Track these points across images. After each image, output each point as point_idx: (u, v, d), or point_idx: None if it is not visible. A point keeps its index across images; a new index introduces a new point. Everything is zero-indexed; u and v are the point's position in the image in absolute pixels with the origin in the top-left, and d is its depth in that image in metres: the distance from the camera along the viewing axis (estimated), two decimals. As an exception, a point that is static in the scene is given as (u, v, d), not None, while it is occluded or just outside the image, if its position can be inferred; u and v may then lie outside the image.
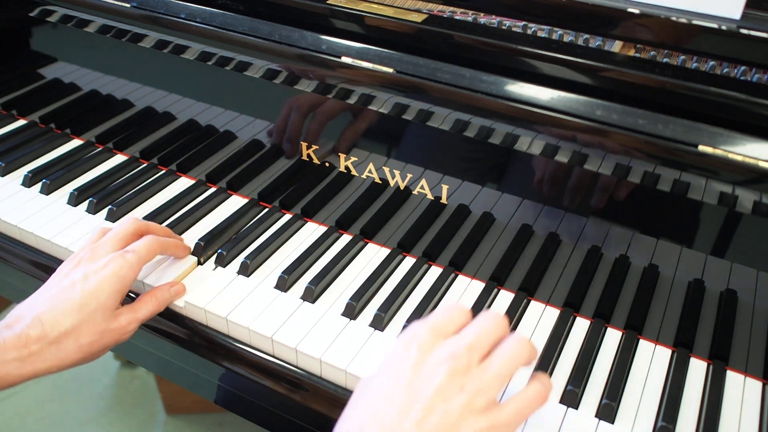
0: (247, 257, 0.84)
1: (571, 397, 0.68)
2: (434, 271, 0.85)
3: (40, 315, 0.67)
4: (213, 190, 0.98)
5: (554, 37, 0.76)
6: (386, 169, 0.84)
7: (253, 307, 0.78)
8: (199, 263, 0.85)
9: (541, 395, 0.58)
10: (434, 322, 0.59)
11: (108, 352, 1.86)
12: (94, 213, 0.93)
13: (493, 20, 0.79)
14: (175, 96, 0.96)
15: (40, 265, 0.89)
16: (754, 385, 0.72)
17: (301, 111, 0.86)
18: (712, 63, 0.70)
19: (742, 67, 0.69)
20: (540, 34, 0.77)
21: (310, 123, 0.86)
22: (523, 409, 0.57)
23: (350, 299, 0.78)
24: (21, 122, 1.12)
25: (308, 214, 0.93)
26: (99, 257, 0.73)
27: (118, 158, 1.05)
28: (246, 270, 0.83)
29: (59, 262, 0.80)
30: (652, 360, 0.74)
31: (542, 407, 0.68)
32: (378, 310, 0.77)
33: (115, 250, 0.74)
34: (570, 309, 0.79)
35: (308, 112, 0.85)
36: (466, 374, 0.55)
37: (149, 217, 0.91)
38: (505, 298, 0.81)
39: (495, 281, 0.83)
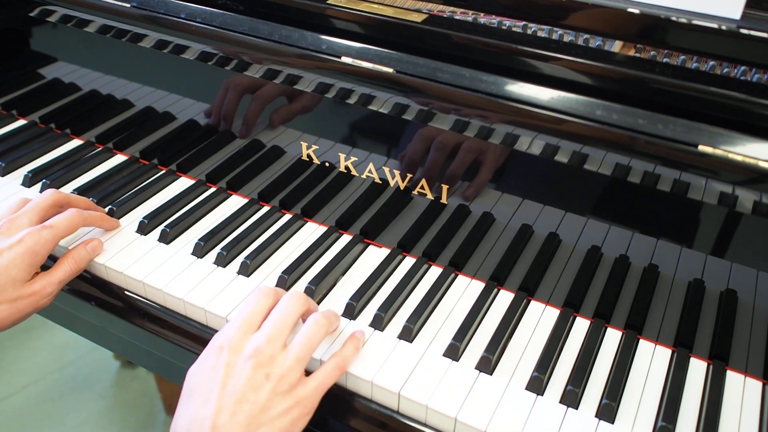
0: (247, 257, 0.84)
1: (571, 397, 0.68)
2: (434, 271, 0.85)
3: None
4: (213, 190, 0.98)
5: (554, 37, 0.76)
6: (386, 169, 0.84)
7: (253, 307, 0.78)
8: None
9: (339, 368, 0.68)
10: (242, 318, 0.66)
11: (108, 352, 1.84)
12: (94, 213, 0.93)
13: (493, 20, 0.79)
14: (175, 96, 0.96)
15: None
16: (754, 385, 0.72)
17: (299, 109, 0.86)
18: (712, 63, 0.70)
19: (742, 67, 0.69)
20: (540, 34, 0.77)
21: (304, 120, 0.86)
22: (323, 383, 0.66)
23: (350, 299, 0.78)
24: (21, 122, 1.12)
25: (308, 214, 0.93)
26: (15, 231, 0.76)
27: (118, 158, 1.05)
28: (246, 270, 0.83)
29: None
30: (652, 360, 0.74)
31: (538, 407, 0.68)
32: (378, 310, 0.77)
33: (33, 224, 0.78)
34: (570, 309, 0.79)
35: (307, 110, 0.86)
36: (271, 364, 0.62)
37: (149, 217, 0.91)
38: (505, 298, 0.81)
39: (495, 281, 0.83)
